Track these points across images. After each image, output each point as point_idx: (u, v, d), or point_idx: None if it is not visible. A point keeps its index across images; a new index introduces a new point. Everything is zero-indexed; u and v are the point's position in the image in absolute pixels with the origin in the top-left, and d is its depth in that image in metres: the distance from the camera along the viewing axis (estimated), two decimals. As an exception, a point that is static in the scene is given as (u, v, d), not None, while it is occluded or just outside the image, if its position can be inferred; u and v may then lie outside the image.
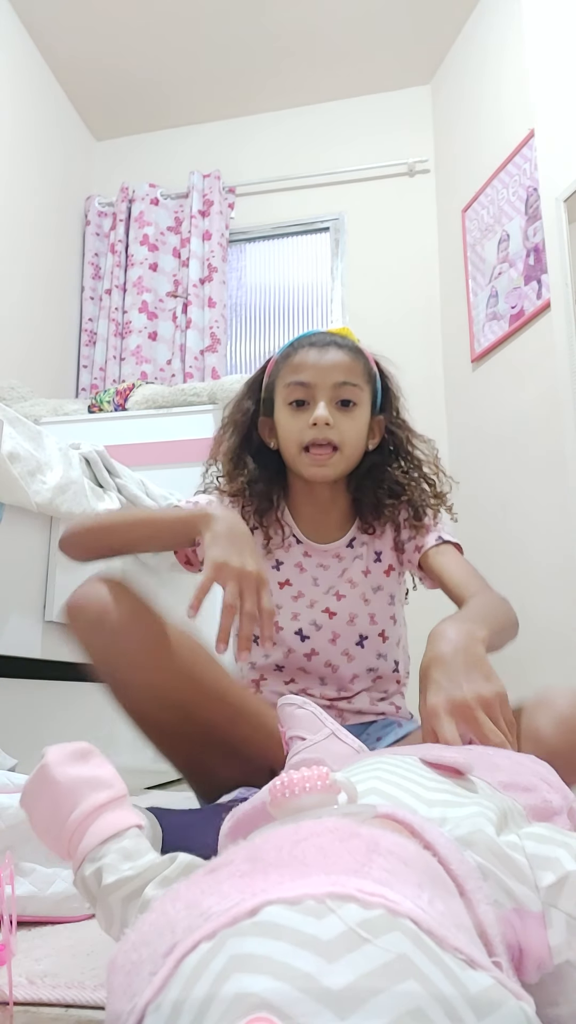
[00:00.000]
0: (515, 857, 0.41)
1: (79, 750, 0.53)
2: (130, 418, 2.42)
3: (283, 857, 0.33)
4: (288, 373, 1.09)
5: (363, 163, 3.28)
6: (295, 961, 0.27)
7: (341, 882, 0.30)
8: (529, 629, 2.32)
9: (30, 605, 1.33)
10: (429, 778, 0.49)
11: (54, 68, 3.19)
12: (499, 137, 2.68)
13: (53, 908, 0.75)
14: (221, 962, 0.28)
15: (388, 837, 0.35)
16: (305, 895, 0.29)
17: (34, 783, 0.53)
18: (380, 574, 1.15)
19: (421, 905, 0.31)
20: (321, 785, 0.40)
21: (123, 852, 0.48)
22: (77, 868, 0.49)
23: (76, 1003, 0.55)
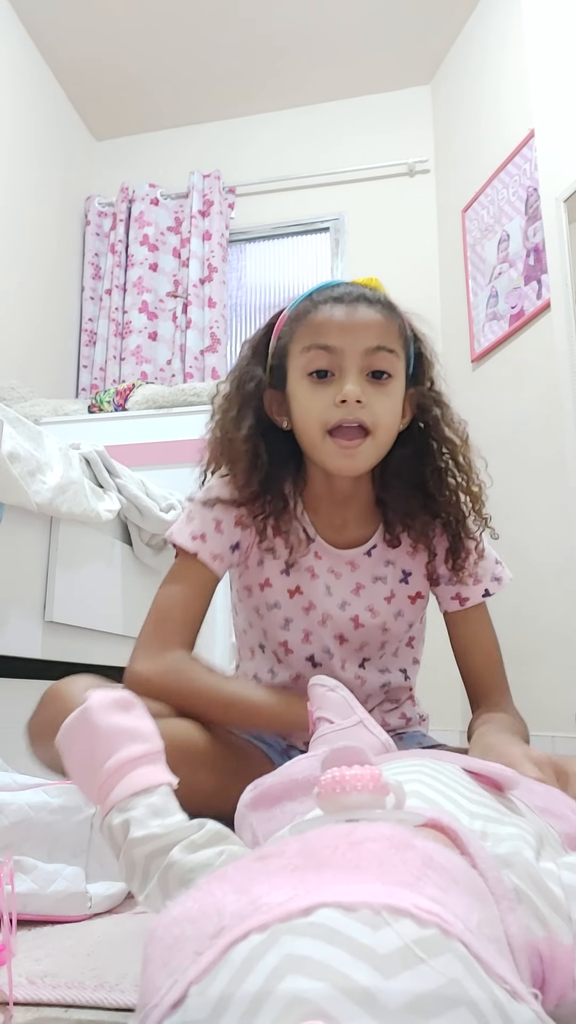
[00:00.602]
0: (551, 886, 0.40)
1: (123, 699, 0.54)
2: (130, 418, 2.42)
3: (337, 858, 0.33)
4: (307, 334, 0.88)
5: (363, 163, 3.28)
6: (351, 972, 0.26)
7: (397, 895, 0.30)
8: (530, 629, 2.32)
9: (30, 605, 1.33)
10: (471, 789, 0.48)
11: (54, 68, 3.19)
12: (499, 137, 2.68)
13: (54, 906, 0.75)
14: (275, 959, 0.28)
15: (441, 852, 0.35)
16: (362, 903, 0.29)
17: (74, 723, 0.53)
18: (405, 599, 1.00)
19: (471, 928, 0.30)
20: (373, 786, 0.39)
21: (152, 808, 0.49)
22: (105, 815, 0.50)
23: (76, 1003, 0.55)
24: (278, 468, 0.96)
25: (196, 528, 0.96)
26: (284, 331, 0.94)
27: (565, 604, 2.14)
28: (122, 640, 1.66)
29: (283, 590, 0.98)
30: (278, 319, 0.98)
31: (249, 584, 1.01)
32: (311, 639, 0.99)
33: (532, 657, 2.27)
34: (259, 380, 0.97)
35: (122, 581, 1.67)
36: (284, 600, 0.99)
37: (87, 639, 1.52)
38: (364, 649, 1.01)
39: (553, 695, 2.14)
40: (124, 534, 1.71)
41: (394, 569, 0.99)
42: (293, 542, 0.96)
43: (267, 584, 0.99)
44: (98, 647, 1.57)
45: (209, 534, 0.96)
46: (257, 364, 0.98)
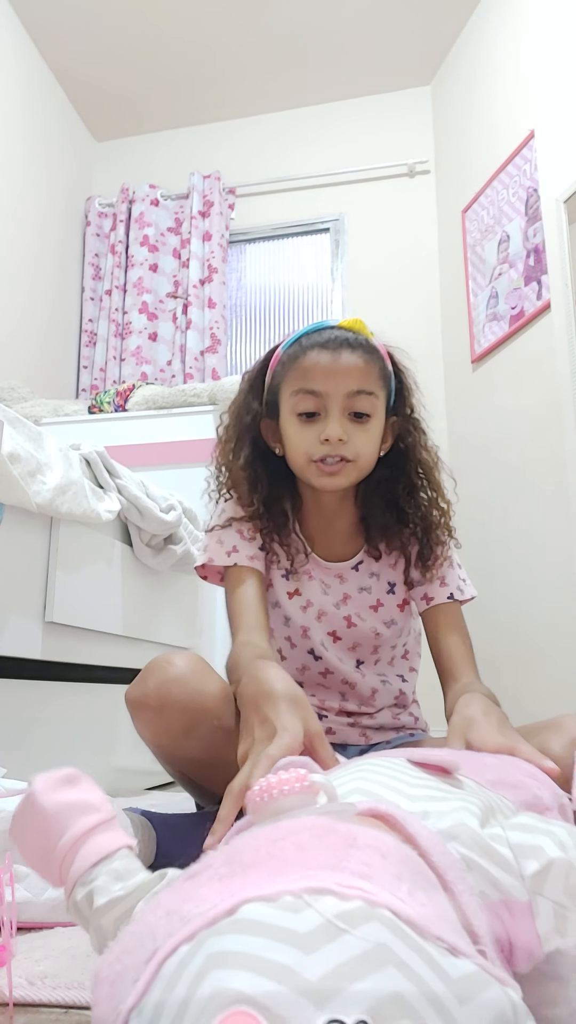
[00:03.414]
0: (499, 848, 0.42)
1: (65, 776, 0.53)
2: (130, 419, 2.42)
3: (261, 857, 0.33)
4: (296, 379, 0.98)
5: (363, 164, 3.28)
6: (272, 955, 0.27)
7: (319, 876, 0.30)
8: (530, 629, 2.32)
9: (30, 606, 1.33)
10: (414, 776, 0.50)
11: (54, 69, 3.19)
12: (499, 138, 2.68)
13: (48, 913, 0.74)
14: (199, 962, 0.28)
15: (366, 832, 0.36)
16: (283, 891, 0.30)
17: (22, 812, 0.52)
18: (394, 608, 1.09)
19: (400, 896, 0.31)
20: (300, 787, 0.40)
21: (114, 873, 0.48)
22: (69, 893, 0.48)
23: (76, 1004, 0.55)
24: (277, 488, 1.08)
25: (227, 546, 1.07)
26: (277, 371, 1.04)
27: (565, 604, 2.14)
28: (122, 640, 1.65)
29: (283, 592, 1.09)
30: (273, 354, 1.07)
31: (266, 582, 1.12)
32: (309, 634, 1.08)
33: (532, 657, 2.27)
34: (255, 413, 1.07)
35: (122, 582, 1.66)
36: (284, 600, 1.09)
37: (87, 640, 1.52)
38: (357, 650, 1.09)
39: (553, 696, 2.14)
40: (124, 535, 1.71)
41: (379, 581, 1.10)
42: (293, 553, 1.07)
43: (270, 584, 1.10)
44: (98, 648, 1.57)
45: (238, 544, 1.06)
46: (254, 398, 1.08)
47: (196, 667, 0.89)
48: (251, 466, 1.06)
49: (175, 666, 0.88)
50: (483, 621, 2.53)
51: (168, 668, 0.88)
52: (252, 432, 1.07)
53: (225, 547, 1.06)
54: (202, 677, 0.88)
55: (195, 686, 0.86)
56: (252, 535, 1.07)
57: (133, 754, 1.66)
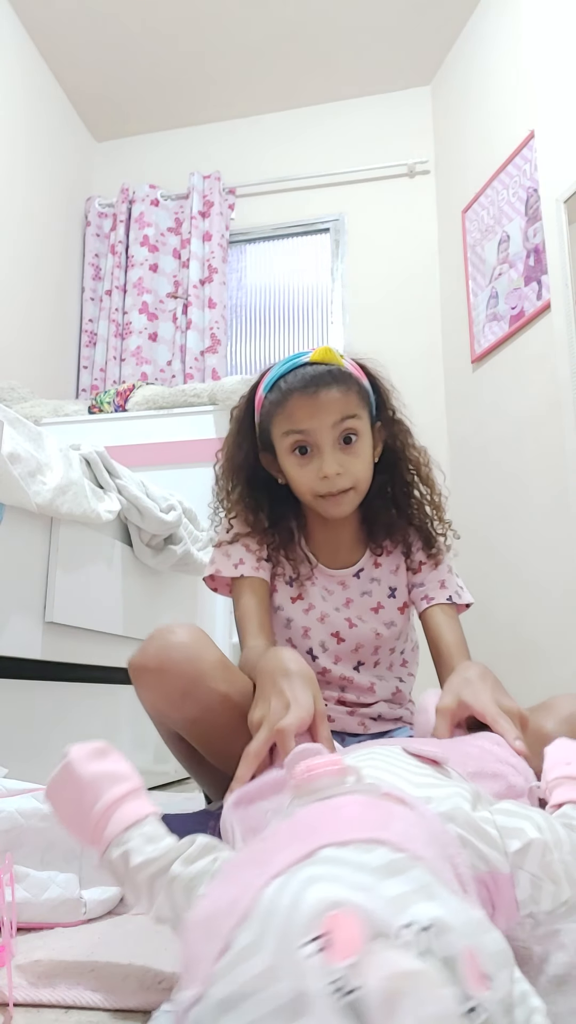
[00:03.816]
0: (488, 829, 0.50)
1: (98, 748, 0.60)
2: (130, 419, 2.42)
3: (324, 822, 0.41)
4: (283, 422, 1.05)
5: (363, 164, 3.28)
6: (356, 877, 0.36)
7: (376, 832, 0.39)
8: (530, 630, 2.32)
9: (30, 606, 1.33)
10: (414, 765, 0.58)
11: (54, 69, 3.19)
12: (499, 138, 2.68)
13: (48, 913, 0.74)
14: (296, 884, 0.36)
15: (398, 808, 0.45)
16: (351, 839, 0.39)
17: (59, 779, 0.59)
18: (395, 611, 1.15)
19: (427, 856, 0.40)
20: (336, 770, 0.47)
21: (145, 836, 0.55)
22: (103, 852, 0.56)
23: (76, 1004, 0.55)
24: (281, 508, 1.15)
25: (234, 559, 1.13)
26: (263, 414, 1.09)
27: (565, 604, 2.14)
28: (122, 641, 1.65)
29: (287, 596, 1.15)
30: (255, 392, 1.13)
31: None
32: (309, 634, 1.13)
33: (532, 657, 2.27)
34: (247, 452, 1.14)
35: (122, 582, 1.66)
36: (287, 604, 1.14)
37: (87, 640, 1.52)
38: (358, 652, 1.14)
39: (553, 696, 2.13)
40: (124, 535, 1.71)
41: (380, 585, 1.16)
42: (299, 566, 1.14)
43: (274, 590, 1.16)
44: (98, 648, 1.57)
45: (244, 556, 1.13)
46: (244, 438, 1.14)
47: (196, 635, 0.92)
48: (248, 498, 1.14)
49: (175, 633, 0.91)
50: (482, 621, 2.53)
51: (169, 635, 0.91)
52: (246, 469, 1.14)
53: (232, 559, 1.13)
54: (201, 645, 0.91)
55: (194, 652, 0.89)
56: (258, 549, 1.14)
57: (133, 754, 1.66)
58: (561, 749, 0.66)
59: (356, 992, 0.31)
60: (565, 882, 0.49)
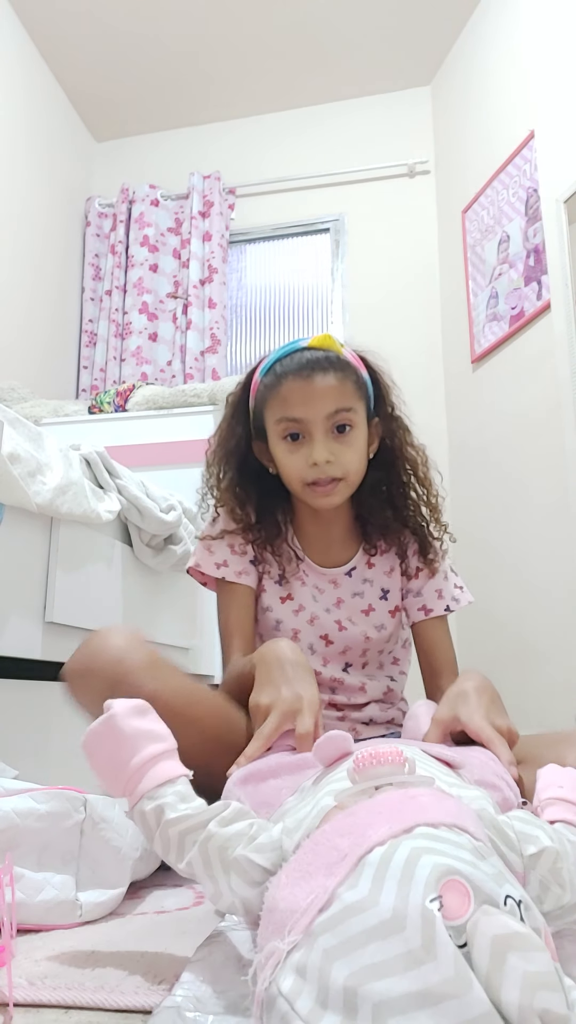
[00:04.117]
0: (507, 832, 0.54)
1: (139, 706, 0.64)
2: (130, 419, 2.42)
3: (406, 805, 0.45)
4: (276, 407, 1.02)
5: (363, 164, 3.28)
6: (459, 854, 0.40)
7: (456, 821, 0.43)
8: (530, 629, 2.32)
9: (30, 606, 1.33)
10: (439, 766, 0.60)
11: (54, 69, 3.19)
12: (499, 138, 2.68)
13: (43, 915, 0.73)
14: (405, 852, 0.39)
15: (461, 803, 0.49)
16: (441, 822, 0.43)
17: (99, 729, 0.62)
18: (385, 613, 1.13)
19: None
20: (396, 759, 0.51)
21: (179, 795, 0.59)
22: (135, 804, 0.60)
23: (76, 1004, 0.55)
24: (269, 500, 1.12)
25: (218, 557, 1.11)
26: (258, 399, 1.07)
27: (565, 604, 2.14)
28: (122, 641, 1.65)
29: (276, 597, 1.12)
30: (252, 377, 1.10)
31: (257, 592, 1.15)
32: (299, 636, 1.11)
33: (532, 657, 2.27)
34: (239, 438, 1.11)
35: (122, 582, 1.66)
36: (276, 604, 1.12)
37: (87, 640, 1.52)
38: (347, 653, 1.12)
39: (553, 696, 2.13)
40: (124, 535, 1.71)
41: (372, 587, 1.13)
42: (285, 562, 1.11)
43: (262, 590, 1.13)
44: (98, 648, 1.56)
45: (229, 558, 1.11)
46: (238, 424, 1.12)
47: (127, 638, 0.89)
48: (236, 487, 1.11)
49: (100, 636, 0.89)
50: (482, 622, 2.53)
51: (93, 639, 0.89)
52: (237, 456, 1.11)
53: (215, 558, 1.11)
54: (128, 647, 0.88)
55: (117, 655, 0.86)
56: (243, 548, 1.11)
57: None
58: (553, 772, 0.69)
59: (468, 946, 0.35)
60: (568, 888, 0.55)
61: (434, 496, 1.13)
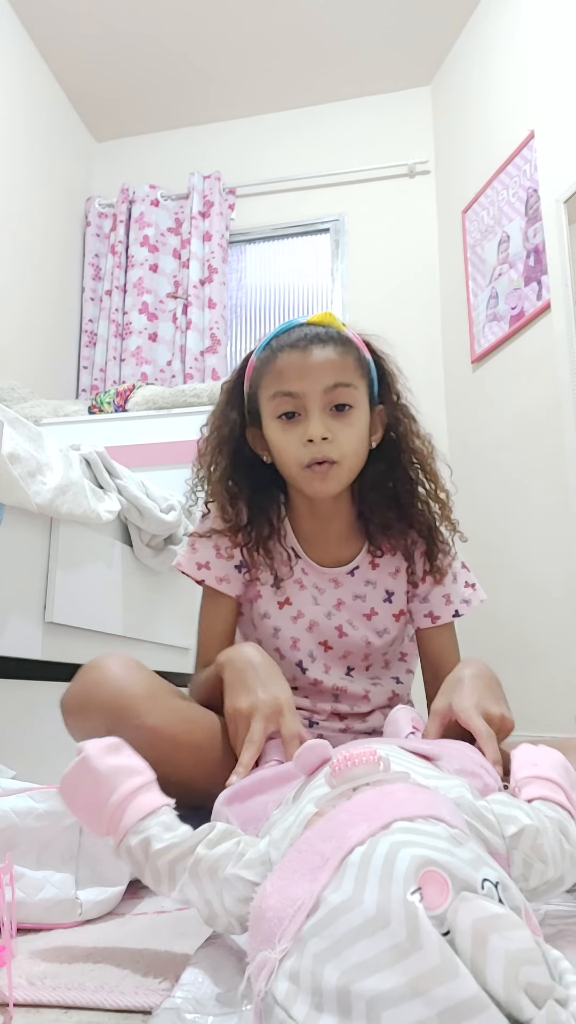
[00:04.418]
0: (487, 815, 0.56)
1: (112, 744, 0.64)
2: (130, 419, 2.42)
3: (383, 802, 0.45)
4: (271, 382, 0.96)
5: (363, 164, 3.28)
6: (436, 843, 0.41)
7: (432, 812, 0.44)
8: (530, 629, 2.32)
9: (30, 606, 1.33)
10: (415, 760, 0.62)
11: (54, 69, 3.19)
12: (499, 138, 2.68)
13: (43, 914, 0.72)
14: (384, 848, 0.40)
15: (438, 794, 0.50)
16: (417, 815, 0.44)
17: (74, 772, 0.62)
18: (389, 617, 1.07)
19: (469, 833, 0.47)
20: (371, 759, 0.52)
21: (163, 825, 0.59)
22: (120, 840, 0.60)
23: (76, 1004, 0.55)
24: (262, 496, 1.06)
25: (200, 557, 1.07)
26: (253, 378, 1.02)
27: (565, 604, 2.14)
28: (122, 641, 1.65)
29: (273, 602, 1.07)
30: (248, 362, 1.05)
31: (244, 599, 1.10)
32: (298, 645, 1.06)
33: (532, 657, 2.27)
34: (233, 424, 1.05)
35: (122, 582, 1.66)
36: (274, 611, 1.07)
37: (87, 640, 1.52)
38: (348, 658, 1.08)
39: (553, 696, 2.13)
40: (124, 535, 1.71)
41: (375, 589, 1.07)
42: (278, 564, 1.05)
43: (258, 596, 1.08)
44: (98, 648, 1.57)
45: (212, 561, 1.06)
46: (232, 408, 1.06)
47: (122, 668, 0.87)
48: (229, 479, 1.05)
49: (98, 668, 0.87)
50: (483, 622, 2.53)
51: (91, 671, 0.87)
52: (231, 444, 1.05)
53: (197, 557, 1.06)
54: (127, 678, 0.86)
55: (117, 686, 0.85)
56: (230, 553, 1.06)
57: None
58: (527, 752, 0.70)
59: (451, 934, 0.36)
60: (551, 863, 0.57)
61: (443, 491, 1.06)
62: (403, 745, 0.65)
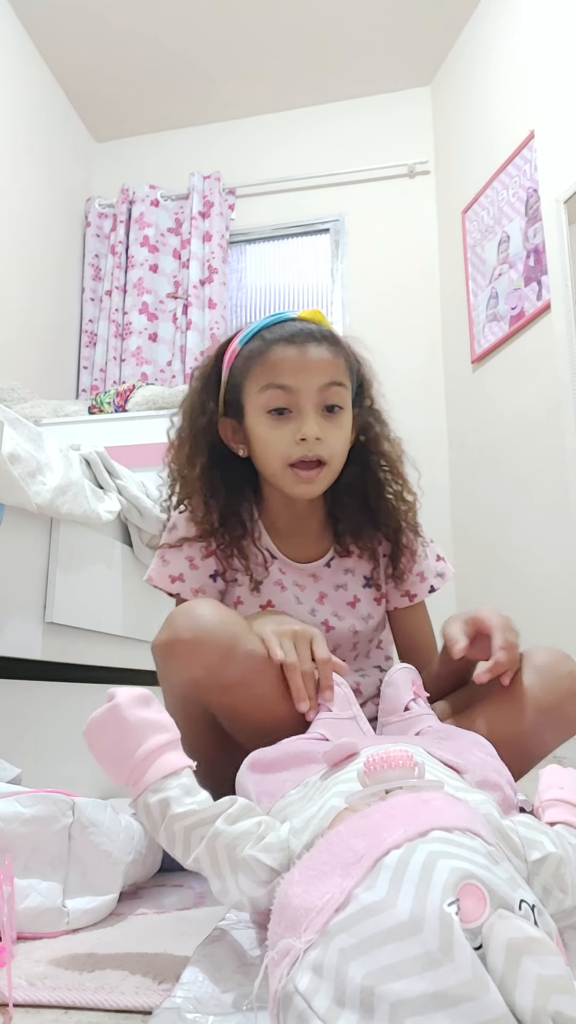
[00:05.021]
0: (512, 837, 0.55)
1: (143, 695, 0.63)
2: (130, 419, 2.42)
3: (421, 809, 0.45)
4: (263, 374, 0.94)
5: (363, 164, 3.28)
6: (475, 858, 0.40)
7: (469, 826, 0.44)
8: (531, 629, 2.32)
9: (30, 606, 1.33)
10: (445, 770, 0.61)
11: (54, 69, 3.19)
12: (499, 138, 2.68)
13: (28, 923, 0.71)
14: (422, 856, 0.40)
15: (472, 808, 0.49)
16: (454, 826, 0.43)
17: (103, 718, 0.61)
18: (371, 602, 1.07)
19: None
20: (407, 763, 0.52)
21: (184, 788, 0.59)
22: (139, 795, 0.59)
23: (76, 1005, 0.55)
24: (235, 495, 1.03)
25: (173, 570, 1.03)
26: (238, 367, 0.98)
27: (566, 604, 2.14)
28: (122, 641, 1.65)
29: (255, 606, 1.04)
30: (226, 349, 1.02)
31: (226, 605, 1.09)
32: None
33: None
34: (211, 413, 1.02)
35: (122, 582, 1.66)
36: None
37: (87, 640, 1.52)
38: (337, 651, 1.06)
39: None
40: (124, 535, 1.71)
41: (354, 576, 1.07)
42: (253, 565, 1.02)
43: (239, 602, 1.05)
44: (98, 648, 1.57)
45: (185, 572, 1.03)
46: (209, 397, 1.02)
47: (219, 606, 0.89)
48: (208, 474, 1.01)
49: (200, 606, 0.87)
50: (483, 621, 2.53)
51: (195, 608, 0.87)
52: (208, 435, 1.02)
53: (170, 570, 1.03)
54: (228, 613, 0.88)
55: (225, 617, 0.86)
56: (205, 557, 1.03)
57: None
58: (554, 774, 0.70)
59: (483, 949, 0.36)
60: (571, 893, 0.56)
61: (411, 495, 1.06)
62: (430, 751, 0.64)
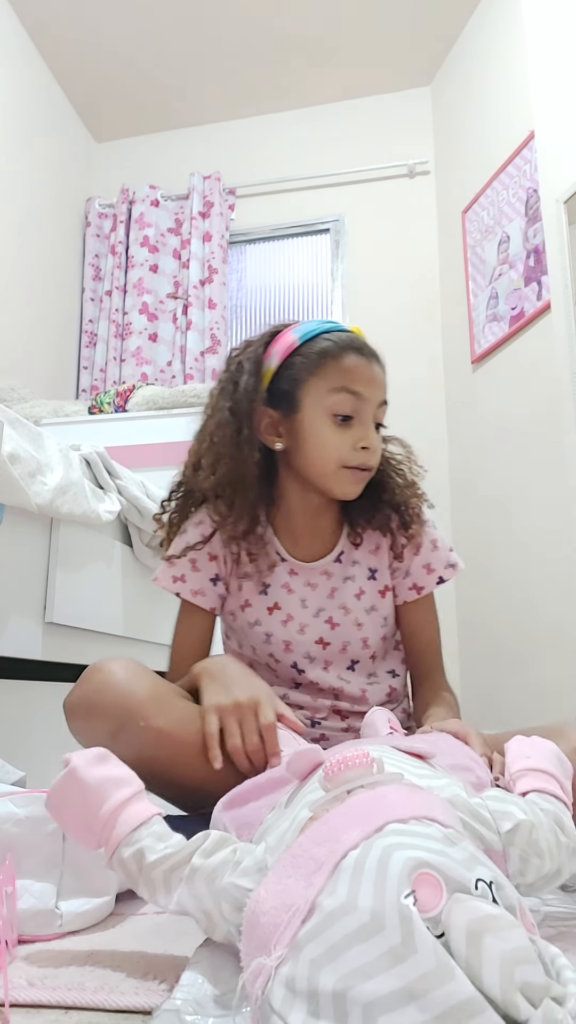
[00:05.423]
0: (483, 813, 0.57)
1: (99, 754, 0.63)
2: (130, 419, 2.42)
3: (376, 806, 0.45)
4: (338, 376, 0.96)
5: (363, 164, 3.28)
6: (429, 844, 0.41)
7: (425, 812, 0.44)
8: (530, 628, 2.32)
9: (30, 607, 1.33)
10: (408, 760, 0.62)
11: (54, 69, 3.19)
12: (499, 138, 2.68)
13: (20, 925, 0.70)
14: (378, 851, 0.40)
15: (432, 794, 0.50)
16: (410, 816, 0.44)
17: (62, 784, 0.61)
18: (375, 594, 1.07)
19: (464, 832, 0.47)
20: (364, 762, 0.52)
21: (156, 835, 0.58)
22: (112, 853, 0.59)
23: (76, 1005, 0.55)
24: (254, 491, 1.02)
25: (176, 571, 1.08)
26: (299, 362, 0.98)
27: (565, 603, 2.14)
28: (122, 641, 1.65)
29: (262, 608, 1.07)
30: (274, 339, 1.02)
31: (233, 608, 1.10)
32: (292, 647, 1.07)
33: (532, 655, 2.27)
34: (257, 400, 1.00)
35: (122, 582, 1.66)
36: (264, 617, 1.07)
37: (87, 640, 1.52)
38: (347, 650, 1.07)
39: (553, 694, 2.13)
40: (124, 535, 1.71)
41: (361, 568, 1.08)
42: (263, 565, 1.05)
43: (247, 605, 1.08)
44: (98, 648, 1.57)
45: (187, 574, 1.07)
46: (259, 383, 1.00)
47: (125, 670, 0.87)
48: (261, 466, 1.00)
49: (102, 671, 0.86)
50: (483, 622, 2.53)
51: (95, 674, 0.86)
52: (249, 424, 1.00)
53: (174, 571, 1.08)
54: (131, 680, 0.85)
55: (121, 689, 0.84)
56: (206, 563, 1.06)
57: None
58: (520, 744, 0.71)
59: (445, 935, 0.36)
60: (547, 856, 0.57)
61: (415, 465, 1.08)
62: (396, 744, 0.65)
